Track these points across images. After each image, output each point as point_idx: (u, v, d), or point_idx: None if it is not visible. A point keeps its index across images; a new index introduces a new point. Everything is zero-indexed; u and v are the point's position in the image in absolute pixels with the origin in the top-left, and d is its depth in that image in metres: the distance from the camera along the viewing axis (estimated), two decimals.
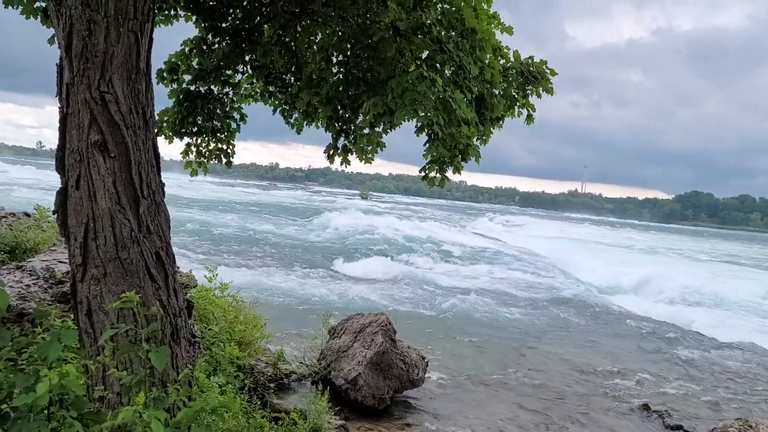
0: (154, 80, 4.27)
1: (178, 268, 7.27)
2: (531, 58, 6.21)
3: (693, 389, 13.30)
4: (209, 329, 8.19)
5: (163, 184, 4.19)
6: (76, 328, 3.86)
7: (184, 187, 72.84)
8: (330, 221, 47.93)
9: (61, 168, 3.84)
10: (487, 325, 18.41)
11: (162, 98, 6.41)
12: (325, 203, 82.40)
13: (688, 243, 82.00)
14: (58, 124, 3.85)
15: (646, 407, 11.49)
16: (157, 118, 6.03)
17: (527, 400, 11.37)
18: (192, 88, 6.36)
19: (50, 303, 5.93)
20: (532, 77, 5.96)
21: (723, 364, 15.88)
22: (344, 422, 8.72)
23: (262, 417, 6.70)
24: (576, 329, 19.32)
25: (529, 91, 6.09)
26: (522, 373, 13.16)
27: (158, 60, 6.18)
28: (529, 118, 6.28)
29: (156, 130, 4.74)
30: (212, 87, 6.43)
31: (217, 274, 9.48)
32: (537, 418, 10.39)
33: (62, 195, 3.82)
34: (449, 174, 5.68)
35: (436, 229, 50.14)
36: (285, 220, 49.73)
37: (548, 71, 6.09)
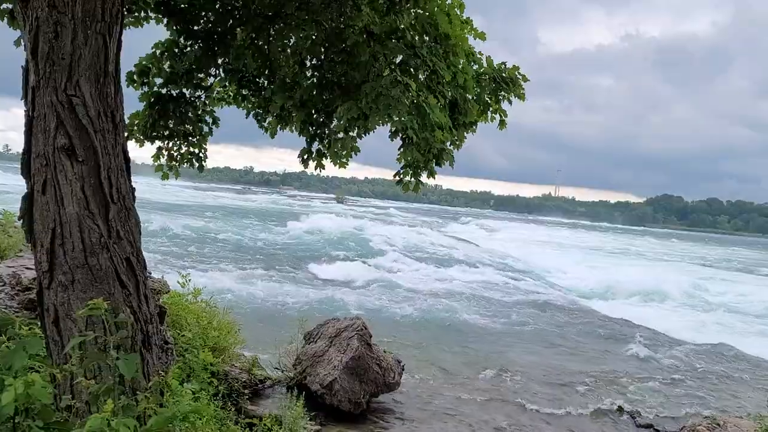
0: (124, 83, 4.20)
1: (150, 273, 7.17)
2: (504, 63, 6.27)
3: (663, 389, 13.53)
4: (182, 335, 8.08)
5: (134, 189, 4.13)
6: (42, 336, 3.77)
7: (156, 191, 71.83)
8: (305, 225, 47.72)
9: (26, 172, 3.75)
10: (461, 329, 18.50)
11: (133, 101, 6.33)
12: (301, 207, 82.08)
13: (658, 245, 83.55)
14: (23, 128, 3.77)
15: (618, 408, 11.65)
16: (127, 121, 5.95)
17: (501, 402, 11.44)
18: (163, 91, 6.28)
19: (16, 310, 5.79)
20: (505, 83, 6.02)
21: (693, 364, 16.18)
22: (320, 428, 8.68)
23: (236, 423, 6.63)
24: (548, 331, 19.51)
25: (501, 97, 6.15)
26: (496, 376, 13.24)
27: (129, 62, 6.09)
28: (502, 124, 6.34)
29: (126, 134, 4.67)
30: (184, 90, 6.36)
31: (189, 280, 9.36)
32: (511, 419, 10.47)
33: (28, 200, 3.74)
34: (424, 178, 5.70)
35: (412, 233, 50.29)
36: (260, 225, 49.35)
37: (520, 77, 6.15)
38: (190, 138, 6.59)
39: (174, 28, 5.99)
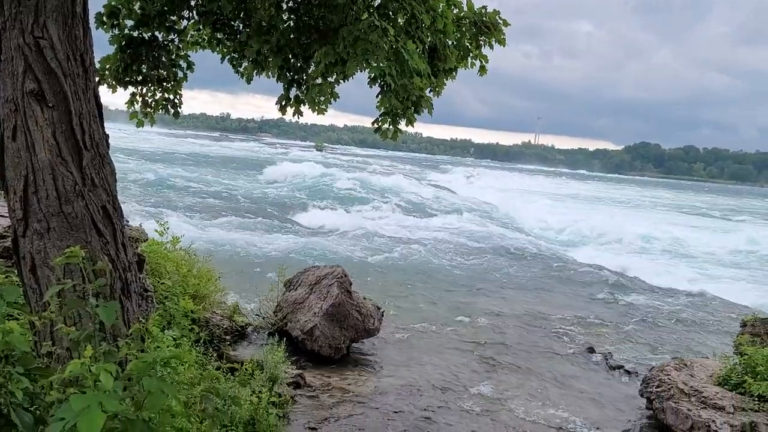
0: (92, 25, 4.06)
1: (127, 222, 7.12)
2: (484, 8, 6.16)
3: (635, 333, 13.99)
4: (162, 283, 8.12)
5: (107, 136, 4.04)
6: (20, 284, 3.76)
7: (131, 138, 70.49)
8: (285, 173, 47.45)
9: None
10: (441, 275, 18.79)
11: (103, 44, 6.13)
12: (280, 155, 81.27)
13: (634, 193, 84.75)
14: None
15: (590, 350, 12.04)
16: (98, 65, 5.77)
17: (479, 346, 11.75)
18: (135, 34, 6.08)
19: None
20: (485, 28, 5.92)
21: (664, 309, 16.70)
22: (301, 371, 8.86)
23: (218, 368, 6.74)
24: (526, 278, 19.92)
25: (482, 42, 6.06)
26: (474, 321, 13.56)
27: (97, 3, 5.86)
28: (482, 70, 6.27)
29: (97, 79, 4.55)
30: (156, 33, 6.16)
31: (168, 228, 9.33)
32: (488, 362, 10.78)
33: None
34: (402, 126, 5.66)
35: (392, 181, 50.27)
36: (238, 173, 48.94)
37: (501, 22, 6.06)
38: (165, 83, 6.43)
39: None
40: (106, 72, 6.08)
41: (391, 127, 5.57)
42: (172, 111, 6.66)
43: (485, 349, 11.56)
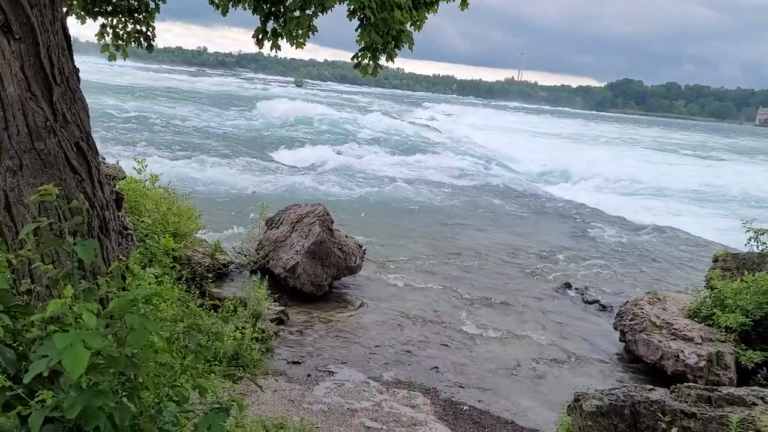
0: None
1: (103, 159, 6.98)
2: None
3: (612, 269, 14.33)
4: (141, 221, 8.06)
5: (78, 70, 3.90)
6: None
7: (104, 72, 68.30)
8: (265, 110, 46.60)
9: None
10: (422, 213, 18.91)
11: None
12: (259, 91, 79.60)
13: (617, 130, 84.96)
14: None
15: (567, 285, 12.35)
16: None
17: (459, 282, 11.98)
18: None
19: None
20: None
21: (640, 245, 17.08)
22: (284, 308, 8.99)
23: (201, 306, 6.81)
24: (506, 215, 20.14)
25: None
26: (454, 258, 13.76)
27: None
28: (464, 3, 6.09)
29: (65, 9, 4.35)
30: None
31: (146, 166, 9.19)
32: (468, 298, 11.03)
33: None
34: (383, 61, 5.52)
35: (374, 119, 49.67)
36: (217, 109, 47.93)
37: None
38: (136, 14, 6.17)
39: None
40: (75, 1, 5.81)
41: (371, 62, 5.43)
42: (145, 44, 6.41)
43: (465, 285, 11.79)
